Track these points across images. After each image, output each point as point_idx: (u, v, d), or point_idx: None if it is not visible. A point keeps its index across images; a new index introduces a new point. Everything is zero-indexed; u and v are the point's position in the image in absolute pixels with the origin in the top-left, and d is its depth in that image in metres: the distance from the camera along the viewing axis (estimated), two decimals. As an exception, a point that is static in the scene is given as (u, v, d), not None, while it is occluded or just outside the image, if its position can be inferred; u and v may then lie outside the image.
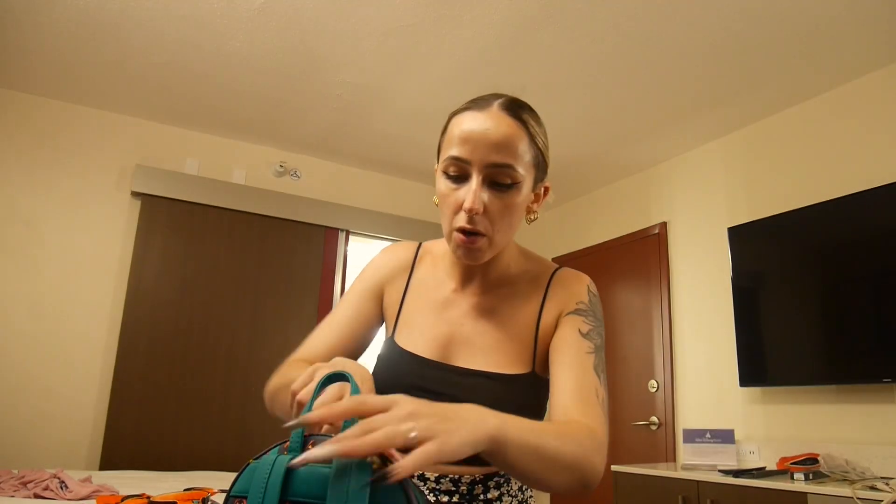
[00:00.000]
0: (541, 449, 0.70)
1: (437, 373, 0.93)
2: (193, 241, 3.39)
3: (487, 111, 0.89)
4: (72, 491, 1.93)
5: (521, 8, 2.37)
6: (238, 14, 2.48)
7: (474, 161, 0.87)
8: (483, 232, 0.88)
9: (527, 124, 0.91)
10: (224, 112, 3.32)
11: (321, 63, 2.81)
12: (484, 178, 0.87)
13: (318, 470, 0.55)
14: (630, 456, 3.50)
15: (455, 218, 0.89)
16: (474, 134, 0.87)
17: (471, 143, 0.87)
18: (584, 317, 0.95)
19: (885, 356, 2.40)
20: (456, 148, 0.88)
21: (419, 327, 0.98)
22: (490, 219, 0.88)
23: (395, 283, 1.05)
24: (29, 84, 3.10)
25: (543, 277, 1.00)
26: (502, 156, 0.87)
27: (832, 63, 2.64)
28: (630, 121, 3.24)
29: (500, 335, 0.95)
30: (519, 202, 0.91)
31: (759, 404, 2.92)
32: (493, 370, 0.92)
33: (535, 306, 0.97)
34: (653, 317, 3.56)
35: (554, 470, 0.72)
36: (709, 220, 3.33)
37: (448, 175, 0.90)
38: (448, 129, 0.93)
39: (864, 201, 2.55)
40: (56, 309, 3.06)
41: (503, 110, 0.90)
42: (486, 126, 0.87)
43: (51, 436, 2.94)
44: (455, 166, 0.89)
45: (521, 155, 0.89)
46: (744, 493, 2.27)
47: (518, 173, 0.88)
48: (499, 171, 0.87)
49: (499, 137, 0.87)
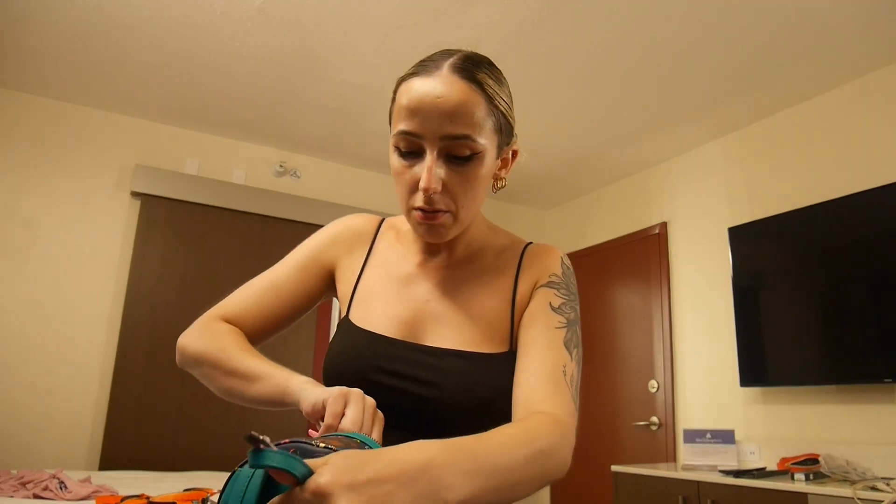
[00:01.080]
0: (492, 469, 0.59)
1: (403, 352, 0.83)
2: (193, 241, 3.39)
3: (437, 75, 0.79)
4: (71, 491, 1.92)
5: (520, 8, 2.37)
6: (238, 14, 2.48)
7: (426, 135, 0.77)
8: (444, 209, 0.81)
9: (483, 85, 0.80)
10: (224, 112, 3.32)
11: (321, 63, 2.81)
12: (439, 151, 0.78)
13: None
14: (630, 456, 3.49)
15: (412, 197, 0.81)
16: (424, 103, 0.77)
17: (421, 115, 0.77)
18: (556, 290, 0.89)
19: (886, 356, 2.40)
20: (405, 121, 0.78)
21: (379, 305, 0.89)
22: (451, 195, 0.80)
23: (352, 257, 0.95)
24: (29, 84, 3.10)
25: (515, 251, 0.93)
26: (457, 126, 0.77)
27: (833, 63, 2.64)
28: (630, 121, 3.23)
29: (472, 312, 0.87)
30: (482, 174, 0.81)
31: (760, 404, 2.92)
32: (466, 349, 0.83)
33: (508, 281, 0.90)
34: (653, 317, 3.55)
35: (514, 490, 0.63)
36: (709, 220, 3.33)
37: (400, 151, 0.81)
38: (396, 98, 0.83)
39: (864, 201, 2.55)
40: (55, 309, 3.05)
41: (455, 72, 0.79)
42: (436, 93, 0.77)
43: (50, 436, 2.93)
44: (406, 141, 0.79)
45: (479, 122, 0.78)
46: (744, 493, 2.26)
47: (478, 143, 0.79)
48: (455, 143, 0.78)
49: (452, 105, 0.76)
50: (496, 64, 0.87)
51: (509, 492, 0.62)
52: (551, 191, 4.25)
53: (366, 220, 1.00)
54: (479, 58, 0.84)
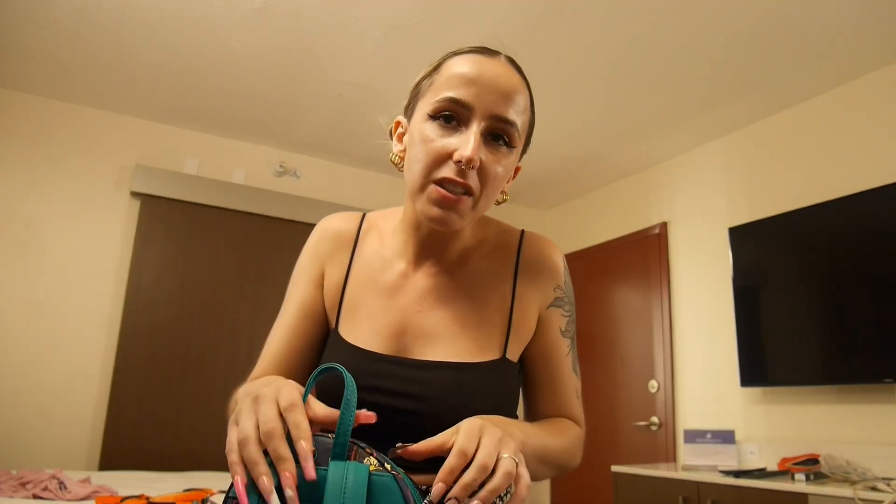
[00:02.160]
0: (544, 456, 0.78)
1: (392, 368, 0.80)
2: (193, 241, 3.38)
3: (495, 59, 0.79)
4: (70, 491, 1.92)
5: (520, 8, 2.36)
6: (237, 14, 2.48)
7: (478, 108, 0.74)
8: (473, 188, 0.76)
9: (529, 87, 0.82)
10: (224, 112, 3.32)
11: (321, 63, 2.81)
12: (486, 130, 0.76)
13: None
14: (630, 456, 3.49)
15: (438, 168, 0.75)
16: (484, 76, 0.75)
17: (478, 86, 0.74)
18: (561, 308, 0.90)
19: (886, 356, 2.40)
20: (457, 89, 0.75)
21: (366, 317, 0.85)
22: (482, 178, 0.76)
23: (336, 260, 0.91)
24: (28, 84, 3.10)
25: (508, 249, 0.90)
26: (510, 109, 0.76)
27: (832, 63, 2.64)
28: (630, 121, 3.23)
29: (465, 320, 0.83)
30: (508, 167, 0.80)
31: (760, 404, 2.92)
32: (456, 359, 0.81)
33: (506, 287, 0.87)
34: (653, 317, 3.55)
35: (546, 467, 0.80)
36: (709, 220, 3.33)
37: (435, 118, 0.76)
38: (441, 69, 0.80)
39: (865, 201, 2.55)
40: (55, 309, 3.05)
41: (511, 64, 0.80)
42: (498, 71, 0.76)
43: (50, 436, 2.93)
44: (453, 109, 0.75)
45: (522, 115, 0.80)
46: (744, 493, 2.26)
47: (517, 135, 0.79)
48: (502, 126, 0.76)
49: (510, 88, 0.76)
50: None
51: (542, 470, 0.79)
52: (551, 191, 4.25)
53: (344, 220, 0.95)
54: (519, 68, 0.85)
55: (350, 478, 0.52)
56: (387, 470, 0.55)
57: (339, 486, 0.51)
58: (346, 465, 0.53)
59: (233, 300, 3.40)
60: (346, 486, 0.51)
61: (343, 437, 0.55)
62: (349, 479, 0.52)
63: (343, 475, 0.52)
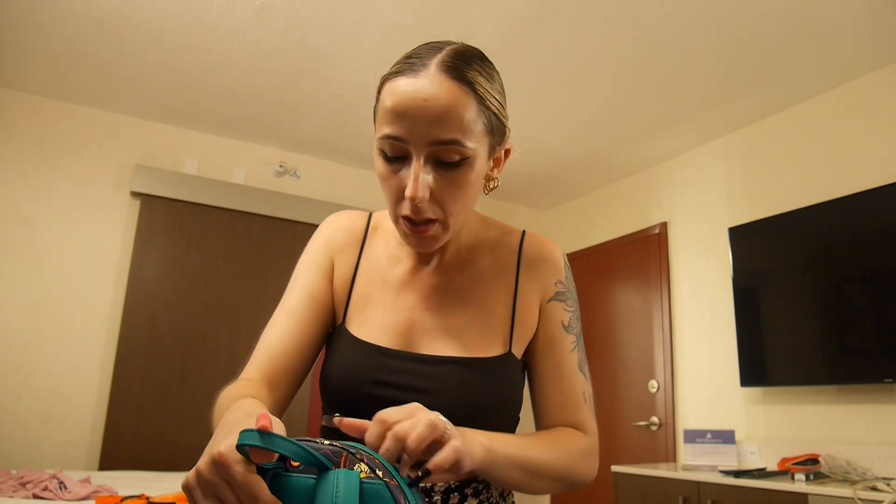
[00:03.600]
0: (527, 463, 0.75)
1: (401, 363, 0.81)
2: (193, 241, 3.38)
3: (424, 75, 0.72)
4: (71, 491, 1.92)
5: (520, 8, 2.36)
6: (238, 14, 2.48)
7: (413, 140, 0.72)
8: (433, 218, 0.76)
9: (474, 84, 0.74)
10: (224, 112, 3.32)
11: (321, 63, 2.81)
12: (426, 157, 0.73)
13: (303, 482, 0.52)
14: (630, 456, 3.49)
15: (399, 205, 0.76)
16: (411, 107, 0.71)
17: (407, 119, 0.72)
18: (564, 302, 0.89)
19: (886, 356, 2.40)
20: (390, 125, 0.73)
21: (374, 314, 0.86)
22: (439, 202, 0.75)
23: (345, 256, 0.91)
24: (29, 84, 3.10)
25: (511, 247, 0.91)
26: (446, 131, 0.72)
27: (832, 63, 2.64)
28: (630, 121, 3.23)
29: (469, 316, 0.85)
30: (472, 179, 0.76)
31: (760, 404, 2.92)
32: (463, 354, 0.81)
33: (507, 283, 0.88)
34: (653, 317, 3.55)
35: (541, 481, 0.78)
36: (709, 220, 3.33)
37: (385, 155, 0.76)
38: (380, 99, 0.77)
39: (864, 201, 2.55)
40: (55, 309, 3.05)
41: (443, 72, 0.73)
42: (423, 95, 0.71)
43: (50, 436, 2.93)
44: (391, 146, 0.74)
45: (469, 126, 0.73)
46: (744, 493, 2.26)
47: (467, 148, 0.73)
48: (444, 148, 0.72)
49: (440, 109, 0.71)
50: (496, 65, 0.84)
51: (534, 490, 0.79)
52: (551, 191, 4.25)
53: (353, 218, 0.95)
54: (469, 53, 0.78)
55: (341, 486, 0.50)
56: (378, 477, 0.53)
57: (330, 495, 0.49)
58: (336, 473, 0.51)
59: (233, 300, 3.40)
60: (338, 495, 0.49)
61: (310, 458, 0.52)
62: (340, 487, 0.50)
63: (333, 483, 0.50)
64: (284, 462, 0.53)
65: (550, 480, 0.79)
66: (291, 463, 0.54)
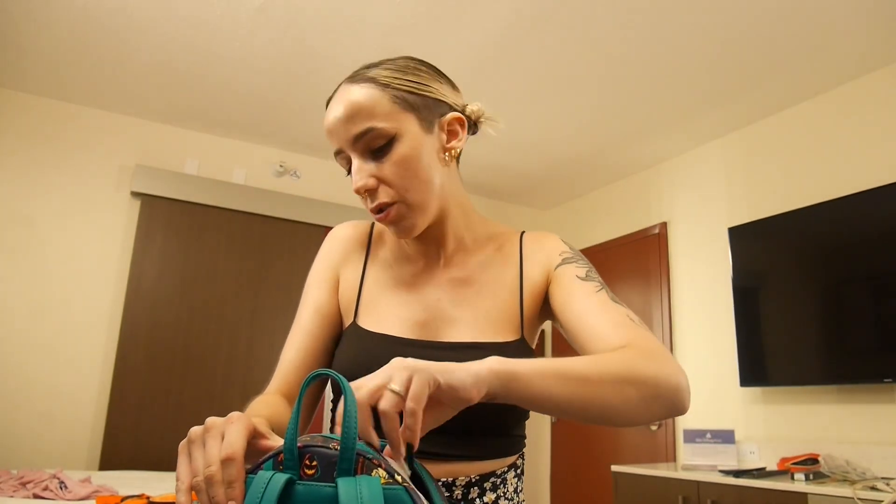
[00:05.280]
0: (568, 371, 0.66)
1: (421, 351, 0.82)
2: (193, 241, 3.39)
3: (336, 97, 0.86)
4: (71, 491, 1.92)
5: (521, 8, 2.37)
6: (238, 14, 2.48)
7: (343, 146, 0.83)
8: (389, 200, 0.82)
9: (374, 79, 0.85)
10: (224, 112, 3.32)
11: (321, 63, 2.81)
12: (360, 153, 0.83)
13: (320, 490, 0.50)
14: (630, 456, 3.49)
15: (365, 203, 0.85)
16: (331, 124, 0.84)
17: (333, 134, 0.84)
18: (574, 263, 0.88)
19: (885, 356, 2.40)
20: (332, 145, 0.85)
21: (388, 308, 0.89)
22: (390, 184, 0.82)
23: (351, 264, 0.95)
24: (29, 84, 3.10)
25: (512, 240, 0.94)
26: (357, 124, 0.82)
27: (832, 63, 2.64)
28: (630, 121, 3.23)
29: (482, 305, 0.88)
30: (408, 153, 0.82)
31: (760, 404, 2.92)
32: (483, 340, 0.84)
33: (513, 270, 0.91)
34: (653, 317, 3.55)
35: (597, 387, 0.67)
36: (709, 220, 3.33)
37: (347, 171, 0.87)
38: None
39: (864, 201, 2.55)
40: (56, 309, 3.05)
41: (347, 84, 0.86)
42: (335, 112, 0.84)
43: (50, 436, 2.93)
44: (340, 160, 0.86)
45: (376, 111, 0.82)
46: (744, 493, 2.27)
47: (383, 129, 0.81)
48: (364, 138, 0.81)
49: (346, 112, 0.82)
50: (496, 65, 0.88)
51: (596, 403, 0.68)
52: (551, 191, 4.25)
53: (356, 227, 1.00)
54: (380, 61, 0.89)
55: (364, 495, 0.48)
56: (397, 482, 0.51)
57: None
58: (356, 481, 0.49)
59: (233, 300, 3.41)
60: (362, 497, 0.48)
61: (349, 451, 0.51)
62: (364, 496, 0.48)
63: (356, 493, 0.48)
64: (299, 470, 0.52)
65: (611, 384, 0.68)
66: (306, 471, 0.52)
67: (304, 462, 0.52)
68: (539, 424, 4.19)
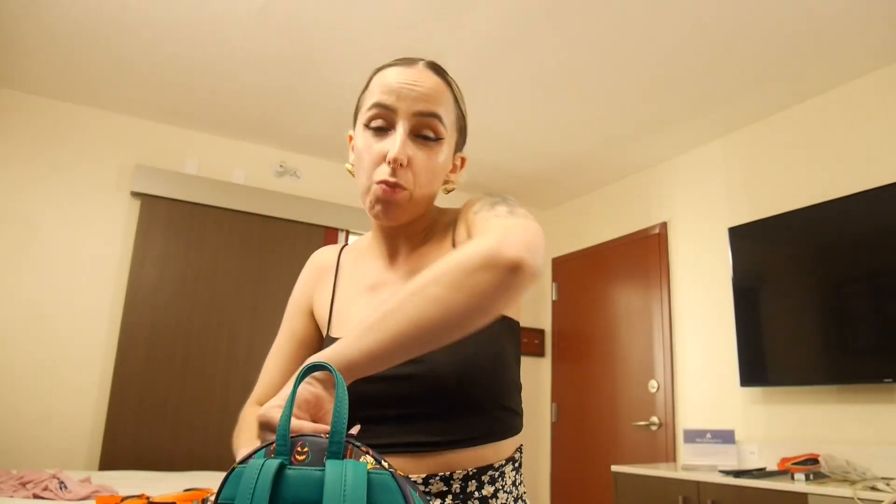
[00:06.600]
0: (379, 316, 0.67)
1: None
2: (193, 241, 3.39)
3: (414, 67, 0.88)
4: (71, 491, 1.92)
5: (520, 8, 2.36)
6: (238, 14, 2.48)
7: (400, 109, 0.84)
8: (405, 186, 0.84)
9: (452, 85, 0.91)
10: (224, 112, 3.32)
11: (321, 63, 2.81)
12: (410, 129, 0.85)
13: (310, 474, 0.53)
14: (630, 456, 3.49)
15: (376, 171, 0.85)
16: (403, 84, 0.85)
17: (397, 92, 0.85)
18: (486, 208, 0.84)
19: (886, 356, 2.40)
20: (380, 96, 0.85)
21: (356, 314, 0.92)
22: (414, 172, 0.85)
23: (322, 287, 1.01)
24: (29, 84, 3.10)
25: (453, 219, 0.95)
26: (430, 105, 0.85)
27: (832, 63, 2.64)
28: (630, 121, 3.23)
29: None
30: (442, 160, 0.88)
31: (760, 404, 2.92)
32: None
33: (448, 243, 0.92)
34: (653, 317, 3.55)
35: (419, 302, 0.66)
36: (709, 220, 3.33)
37: (370, 127, 0.87)
38: (370, 85, 0.91)
39: (864, 201, 2.55)
40: (55, 309, 3.05)
41: (429, 68, 0.90)
42: (413, 77, 0.86)
43: (50, 436, 2.93)
44: (380, 115, 0.86)
45: (446, 111, 0.88)
46: (744, 493, 2.26)
47: (443, 128, 0.87)
48: (426, 121, 0.85)
49: (426, 89, 0.86)
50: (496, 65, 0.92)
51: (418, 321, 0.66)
52: (551, 191, 4.25)
53: (326, 252, 1.06)
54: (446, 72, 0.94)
55: (349, 476, 0.51)
56: (384, 468, 0.54)
57: (339, 486, 0.50)
58: (343, 464, 0.52)
59: (233, 300, 3.40)
60: (346, 485, 0.50)
61: (338, 434, 0.54)
62: (348, 477, 0.51)
63: (342, 474, 0.51)
64: (290, 455, 0.54)
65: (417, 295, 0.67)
66: (297, 457, 0.55)
67: (296, 449, 0.55)
68: (539, 424, 4.19)
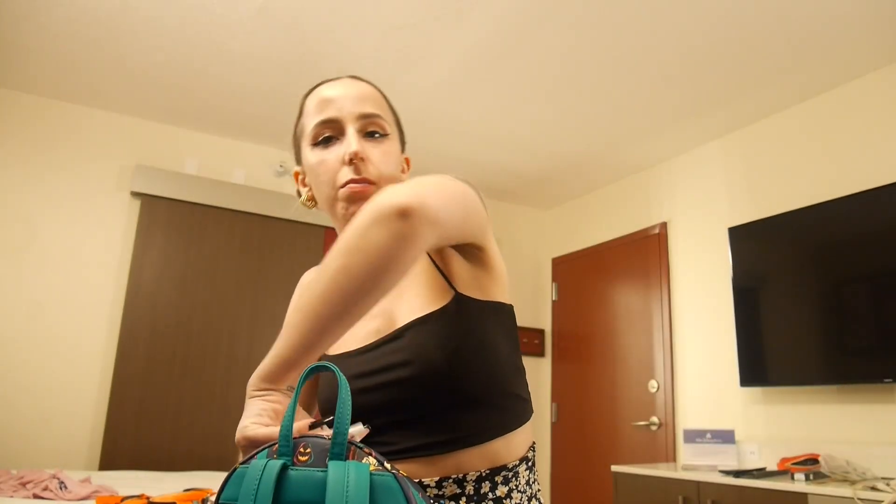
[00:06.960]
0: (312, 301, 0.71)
1: (365, 355, 0.85)
2: (193, 241, 3.39)
3: (340, 80, 0.91)
4: (71, 491, 1.92)
5: (520, 8, 2.36)
6: (238, 14, 2.48)
7: (344, 116, 0.87)
8: (372, 180, 0.86)
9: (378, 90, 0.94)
10: (224, 112, 3.32)
11: (321, 64, 2.81)
12: (357, 129, 0.87)
13: (313, 475, 0.53)
14: (630, 456, 3.49)
15: (338, 176, 0.86)
16: (337, 95, 0.88)
17: (335, 103, 0.87)
18: None
19: (886, 356, 2.40)
20: (321, 113, 0.88)
21: None
22: (374, 165, 0.87)
23: None
24: (29, 84, 3.10)
25: None
26: (367, 106, 0.88)
27: (833, 63, 2.64)
28: (630, 121, 3.23)
29: (409, 285, 0.88)
30: (395, 152, 0.91)
31: (760, 404, 2.92)
32: (421, 314, 0.83)
33: None
34: (653, 317, 3.55)
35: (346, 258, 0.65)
36: (709, 220, 3.33)
37: (318, 144, 0.89)
38: (304, 110, 0.93)
39: (864, 201, 2.55)
40: (56, 309, 3.05)
41: (355, 79, 0.93)
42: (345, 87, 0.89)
43: (50, 436, 2.93)
44: (326, 128, 0.88)
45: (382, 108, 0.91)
46: (744, 493, 2.26)
47: (387, 124, 0.90)
48: (370, 120, 0.88)
49: (361, 93, 0.89)
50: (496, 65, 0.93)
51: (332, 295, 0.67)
52: (551, 191, 4.25)
53: (314, 271, 1.05)
54: None
55: (352, 477, 0.51)
56: (386, 469, 0.54)
57: (341, 487, 0.50)
58: (346, 465, 0.52)
59: (233, 300, 3.40)
60: (349, 487, 0.50)
61: (341, 436, 0.54)
62: (351, 478, 0.51)
63: (344, 475, 0.51)
64: (292, 456, 0.55)
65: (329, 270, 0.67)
66: (299, 458, 0.55)
67: (299, 450, 0.55)
68: (539, 425, 4.19)
